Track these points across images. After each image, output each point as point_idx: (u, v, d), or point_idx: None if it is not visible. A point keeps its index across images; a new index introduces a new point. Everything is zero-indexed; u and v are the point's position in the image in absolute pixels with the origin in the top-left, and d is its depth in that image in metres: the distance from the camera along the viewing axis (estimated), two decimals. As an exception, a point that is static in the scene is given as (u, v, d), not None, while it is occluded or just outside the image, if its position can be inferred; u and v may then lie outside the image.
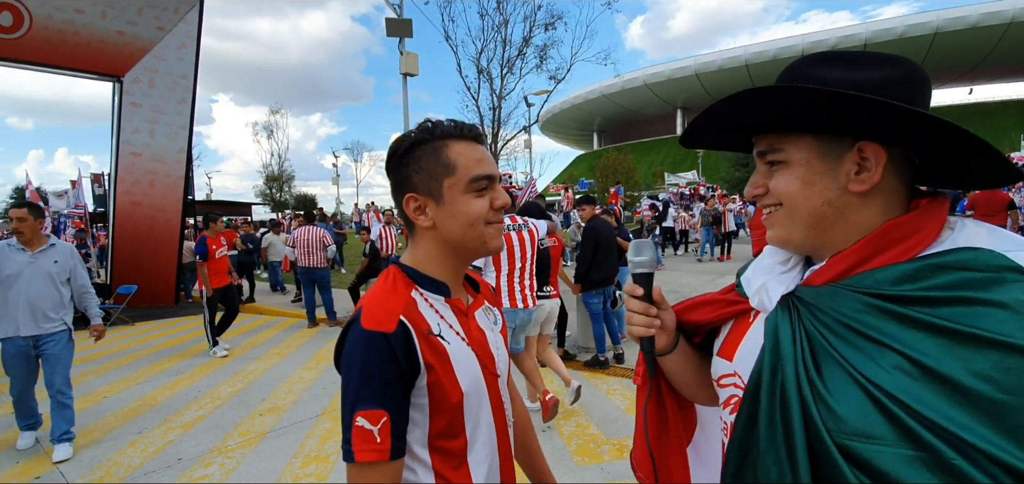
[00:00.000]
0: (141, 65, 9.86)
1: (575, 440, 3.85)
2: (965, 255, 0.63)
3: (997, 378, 0.55)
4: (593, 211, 5.76)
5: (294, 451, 3.84)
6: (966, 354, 0.57)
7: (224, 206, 33.30)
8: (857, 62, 0.69)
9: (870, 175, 0.68)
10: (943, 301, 0.61)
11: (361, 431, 0.84)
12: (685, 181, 24.15)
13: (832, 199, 0.70)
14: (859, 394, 0.61)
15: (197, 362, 6.39)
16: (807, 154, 0.71)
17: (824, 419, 0.63)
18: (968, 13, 47.68)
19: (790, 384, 0.67)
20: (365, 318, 0.88)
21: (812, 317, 0.70)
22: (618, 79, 64.87)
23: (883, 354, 0.62)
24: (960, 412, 0.56)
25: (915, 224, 0.68)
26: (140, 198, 10.20)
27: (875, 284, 0.66)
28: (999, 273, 0.60)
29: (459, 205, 0.94)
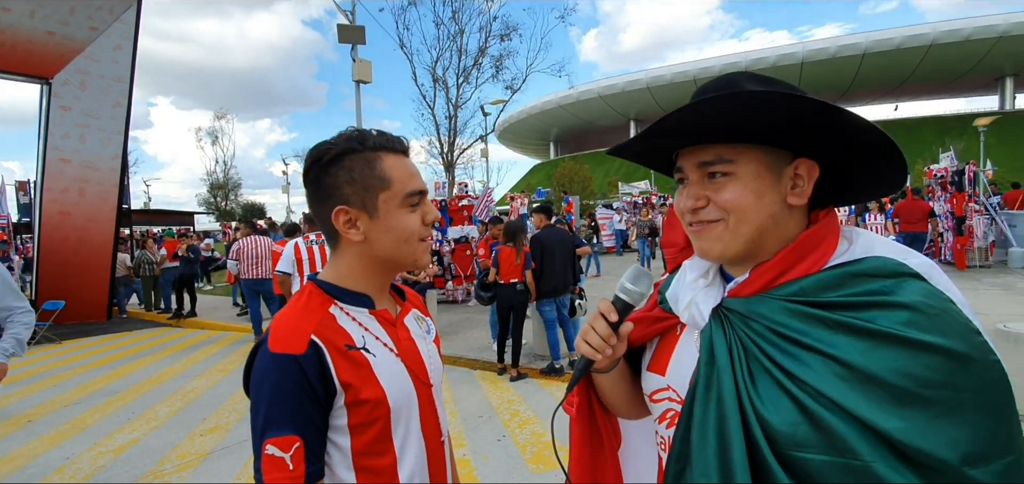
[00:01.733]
0: (72, 66, 9.27)
1: (530, 448, 3.85)
2: (874, 263, 0.68)
3: (916, 374, 0.60)
4: (544, 221, 5.82)
5: (238, 472, 3.67)
6: (885, 352, 0.62)
7: (164, 215, 31.63)
8: (775, 84, 0.72)
9: (804, 189, 0.73)
10: (862, 305, 0.65)
11: (271, 459, 0.80)
12: (638, 190, 24.77)
13: (775, 212, 0.72)
14: (788, 401, 0.64)
15: (131, 381, 6.01)
16: (757, 167, 0.72)
17: (764, 430, 0.65)
18: (893, 35, 51.38)
19: (728, 395, 0.68)
20: (273, 340, 0.85)
21: (745, 327, 0.71)
22: (573, 90, 66.00)
23: (814, 358, 0.65)
24: (886, 408, 0.60)
25: (821, 235, 0.73)
26: (69, 207, 9.56)
27: (801, 292, 0.69)
28: (901, 278, 0.66)
29: (394, 220, 0.92)
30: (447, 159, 22.78)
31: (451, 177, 22.07)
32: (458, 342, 6.99)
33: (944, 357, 0.60)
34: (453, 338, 7.23)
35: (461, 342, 6.98)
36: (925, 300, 0.64)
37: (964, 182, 11.09)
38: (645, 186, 26.69)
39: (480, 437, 4.09)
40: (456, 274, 10.10)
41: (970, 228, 10.76)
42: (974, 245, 10.83)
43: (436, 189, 11.34)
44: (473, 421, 4.41)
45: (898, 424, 0.59)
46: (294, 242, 5.08)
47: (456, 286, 10.09)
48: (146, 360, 7.00)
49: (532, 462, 3.64)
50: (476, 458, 3.73)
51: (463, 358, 6.23)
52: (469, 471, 3.56)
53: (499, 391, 5.14)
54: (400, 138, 0.97)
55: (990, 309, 7.14)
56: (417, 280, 7.30)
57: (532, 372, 5.57)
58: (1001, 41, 48.03)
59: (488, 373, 5.73)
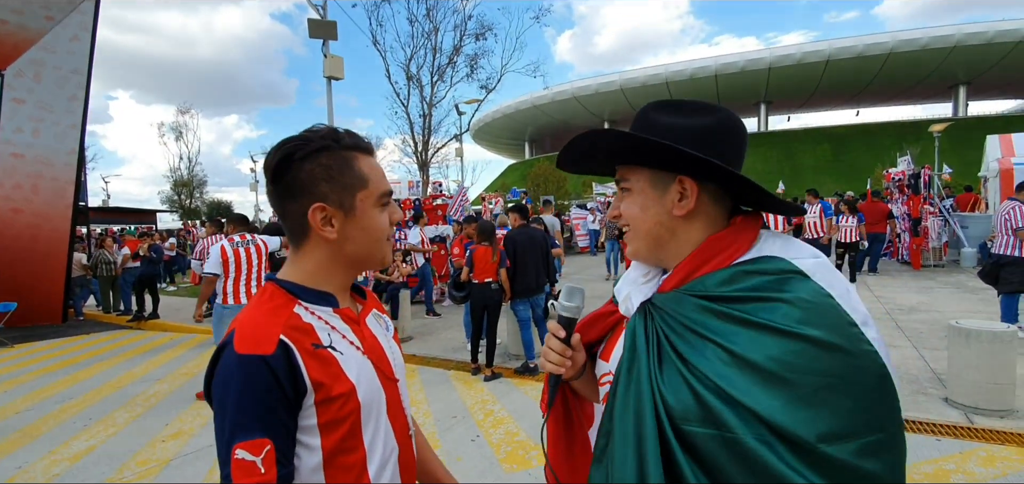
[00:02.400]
0: (26, 57, 8.84)
1: (504, 447, 3.85)
2: (764, 262, 0.78)
3: (786, 360, 0.68)
4: (518, 220, 5.83)
5: (202, 477, 3.55)
6: (765, 341, 0.70)
7: (124, 213, 30.47)
8: (685, 110, 0.85)
9: (687, 202, 0.83)
10: (749, 299, 0.74)
11: (242, 464, 0.78)
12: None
13: (663, 221, 0.85)
14: (682, 384, 0.73)
15: (88, 386, 5.77)
16: (643, 184, 0.86)
17: (666, 409, 0.74)
18: (855, 43, 53.29)
19: (643, 379, 0.77)
20: (239, 342, 0.82)
21: (661, 320, 0.81)
22: (548, 91, 66.27)
23: (707, 347, 0.74)
24: (759, 390, 0.68)
25: (731, 238, 0.83)
26: (21, 204, 9.12)
27: (703, 288, 0.79)
28: (786, 275, 0.75)
29: (370, 219, 0.94)
30: (421, 158, 22.59)
31: (425, 176, 21.90)
32: (432, 342, 6.94)
33: (811, 345, 0.68)
34: (427, 338, 7.17)
35: (435, 342, 6.93)
36: (803, 296, 0.72)
37: (920, 185, 11.58)
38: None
39: (454, 437, 4.06)
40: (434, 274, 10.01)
41: (925, 229, 11.24)
42: (929, 245, 11.32)
43: (410, 188, 11.23)
44: (446, 421, 4.38)
45: (765, 403, 0.66)
46: (221, 244, 4.95)
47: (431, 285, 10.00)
48: (104, 364, 6.73)
49: (506, 462, 3.63)
50: (449, 459, 3.71)
51: (437, 358, 6.19)
52: (442, 472, 3.53)
53: (473, 391, 5.12)
54: (367, 139, 0.99)
55: (943, 306, 7.47)
56: (391, 280, 7.21)
57: (506, 372, 5.57)
58: (955, 51, 50.38)
59: (462, 373, 5.70)
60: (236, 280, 4.87)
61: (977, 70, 53.38)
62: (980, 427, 3.79)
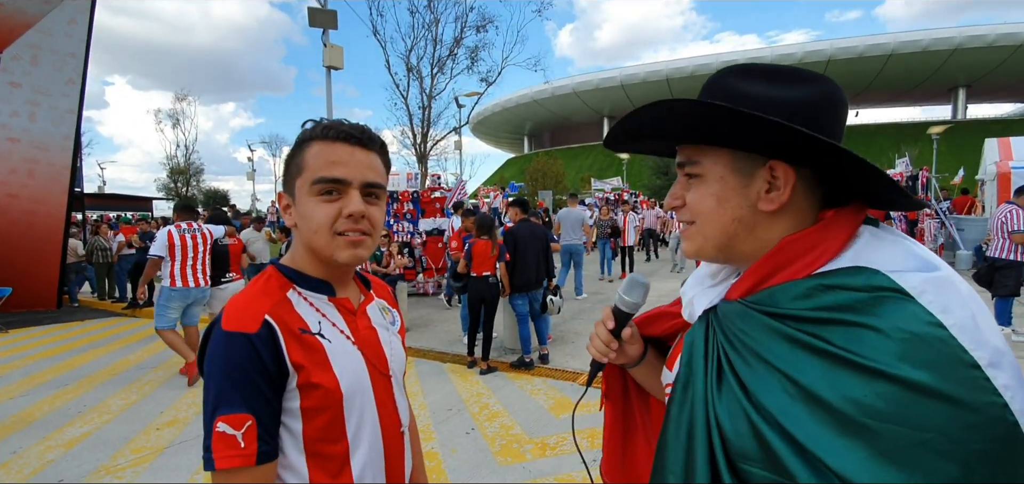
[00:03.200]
0: (23, 41, 8.75)
1: (498, 440, 3.86)
2: (851, 275, 0.62)
3: (871, 405, 0.54)
4: (519, 214, 5.83)
5: (196, 466, 3.55)
6: (844, 379, 0.56)
7: (120, 200, 30.34)
8: (778, 77, 0.68)
9: (779, 194, 0.68)
10: (826, 321, 0.60)
11: (222, 436, 0.80)
12: (610, 186, 25.05)
13: (743, 217, 0.70)
14: (740, 412, 0.63)
15: (83, 372, 5.75)
16: (722, 170, 0.70)
17: (721, 436, 0.64)
18: (856, 43, 53.34)
19: (698, 400, 0.68)
20: (226, 319, 0.85)
21: (722, 333, 0.70)
22: (548, 85, 66.19)
23: (772, 375, 0.62)
24: (831, 437, 0.55)
25: (814, 239, 0.67)
26: (17, 189, 9.06)
27: (771, 302, 0.66)
28: (878, 294, 0.59)
29: (305, 208, 0.91)
30: (420, 150, 22.52)
31: (424, 169, 21.85)
32: (428, 335, 6.94)
33: (907, 390, 0.53)
34: (423, 331, 7.18)
35: (432, 335, 6.94)
36: (902, 325, 0.56)
37: (917, 187, 11.61)
38: (617, 182, 27.00)
39: (449, 430, 4.07)
40: (427, 267, 10.02)
41: (922, 231, 11.28)
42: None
43: (408, 180, 11.20)
44: (442, 414, 4.38)
45: (839, 455, 0.54)
46: (168, 229, 5.25)
47: (427, 278, 10.01)
48: (99, 351, 6.71)
49: (500, 455, 3.64)
50: (444, 450, 3.72)
51: (433, 351, 6.19)
52: (437, 464, 3.54)
53: (469, 384, 5.12)
54: (356, 126, 0.94)
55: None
56: (387, 272, 7.21)
57: (502, 366, 5.57)
58: (956, 53, 50.41)
59: (458, 366, 5.71)
60: (183, 264, 5.19)
61: (977, 73, 53.46)
62: (972, 429, 3.81)
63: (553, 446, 3.74)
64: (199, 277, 5.29)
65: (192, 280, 5.23)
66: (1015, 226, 5.69)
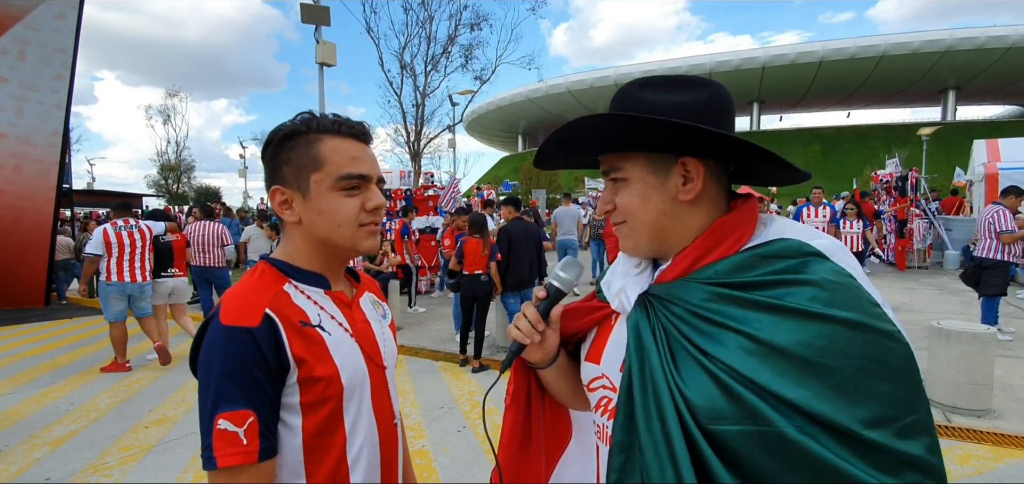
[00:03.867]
0: (10, 35, 8.62)
1: (492, 438, 3.85)
2: (782, 244, 0.74)
3: (817, 344, 0.64)
4: (512, 213, 5.82)
5: (185, 465, 3.53)
6: (793, 326, 0.66)
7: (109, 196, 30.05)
8: (675, 86, 0.78)
9: (694, 185, 0.77)
10: (771, 284, 0.70)
11: (224, 434, 0.78)
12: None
13: (666, 209, 0.78)
14: (706, 378, 0.68)
15: (69, 371, 5.70)
16: (641, 172, 0.79)
17: (689, 407, 0.68)
18: (848, 45, 53.70)
19: (659, 378, 0.71)
20: (225, 313, 0.83)
21: (665, 311, 0.76)
22: (542, 84, 66.20)
23: (727, 335, 0.69)
24: (792, 378, 0.64)
25: (737, 221, 0.78)
26: (3, 185, 8.92)
27: (715, 274, 0.74)
28: (806, 257, 0.71)
29: (325, 203, 0.91)
30: (413, 148, 22.47)
31: (417, 167, 21.80)
32: (421, 333, 6.93)
33: (842, 327, 0.64)
34: (416, 329, 7.16)
35: (424, 333, 6.92)
36: (827, 277, 0.68)
37: (907, 187, 11.71)
38: (610, 182, 26.90)
39: (441, 428, 4.06)
40: (420, 265, 9.99)
41: (911, 231, 11.39)
42: (914, 247, 11.47)
43: (401, 178, 11.17)
44: (434, 412, 4.38)
45: (802, 393, 0.62)
46: (103, 227, 5.49)
47: (420, 277, 9.98)
48: (87, 349, 6.65)
49: (488, 453, 3.64)
50: (436, 449, 3.71)
51: (425, 349, 6.18)
52: (428, 461, 3.54)
53: (461, 382, 5.12)
54: (359, 123, 0.96)
55: (926, 307, 7.58)
56: (380, 270, 7.18)
57: (494, 364, 5.57)
58: (946, 55, 50.86)
59: (450, 364, 5.70)
60: (119, 260, 5.41)
61: (967, 75, 53.98)
62: (957, 426, 3.86)
63: (544, 444, 3.74)
64: (137, 272, 5.49)
65: (128, 275, 5.43)
66: (1002, 226, 5.76)
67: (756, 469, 0.64)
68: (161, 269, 6.02)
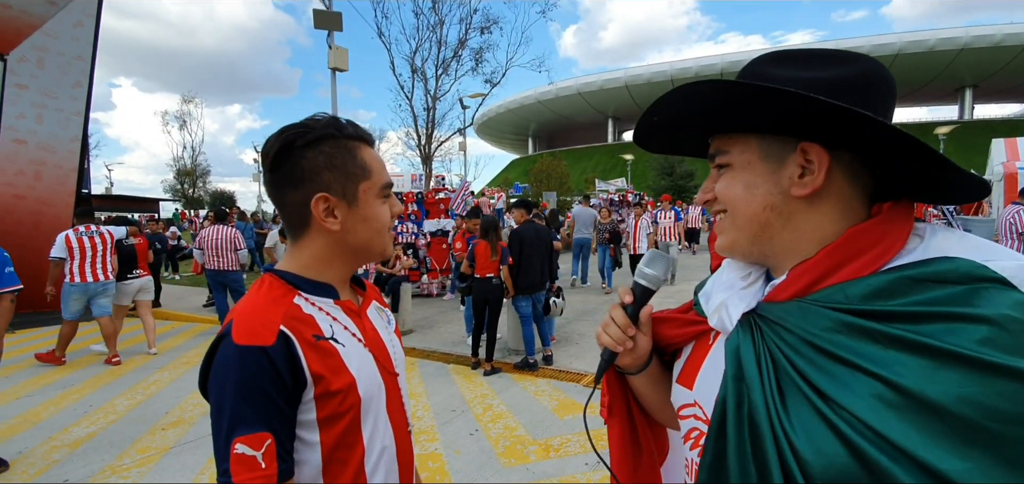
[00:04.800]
0: (29, 43, 8.81)
1: (502, 442, 3.85)
2: (941, 266, 0.57)
3: (986, 404, 0.48)
4: (523, 215, 5.82)
5: (202, 467, 3.56)
6: (951, 376, 0.50)
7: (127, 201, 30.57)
8: (812, 60, 0.65)
9: (813, 178, 0.63)
10: (923, 316, 0.54)
11: (241, 458, 0.76)
12: (615, 187, 24.98)
13: (775, 203, 0.65)
14: (824, 428, 0.54)
15: (89, 373, 5.78)
16: (750, 156, 0.67)
17: (797, 460, 0.54)
18: (862, 43, 53.08)
19: (760, 417, 0.58)
20: (238, 332, 0.80)
21: (776, 338, 0.62)
22: (553, 86, 66.27)
23: (858, 379, 0.54)
24: (944, 444, 0.49)
25: (880, 232, 0.62)
26: (24, 191, 9.12)
27: (846, 299, 0.59)
28: (979, 284, 0.54)
29: (372, 210, 0.94)
30: (425, 151, 22.55)
31: (428, 170, 21.87)
32: (432, 336, 6.94)
33: (1020, 384, 0.48)
34: (427, 332, 7.17)
35: (435, 336, 6.93)
36: (1009, 312, 0.51)
37: (925, 187, 11.52)
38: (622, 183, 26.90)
39: (452, 431, 4.06)
40: (432, 268, 10.02)
41: (929, 232, 11.18)
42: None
43: (412, 181, 11.21)
44: (446, 415, 4.38)
45: (959, 465, 0.48)
46: (65, 233, 5.75)
47: (431, 279, 10.01)
48: (105, 352, 6.73)
49: (504, 456, 3.63)
50: (448, 451, 3.71)
51: (437, 352, 6.19)
52: (441, 465, 3.54)
53: (473, 385, 5.12)
54: (369, 131, 0.99)
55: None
56: (392, 273, 7.21)
57: (506, 367, 5.56)
58: (963, 53, 50.08)
59: (462, 367, 5.70)
60: (81, 263, 5.73)
61: (984, 73, 53.09)
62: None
63: (557, 448, 3.72)
64: (99, 273, 5.81)
65: (90, 276, 5.75)
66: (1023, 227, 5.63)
67: None
68: (127, 271, 6.34)
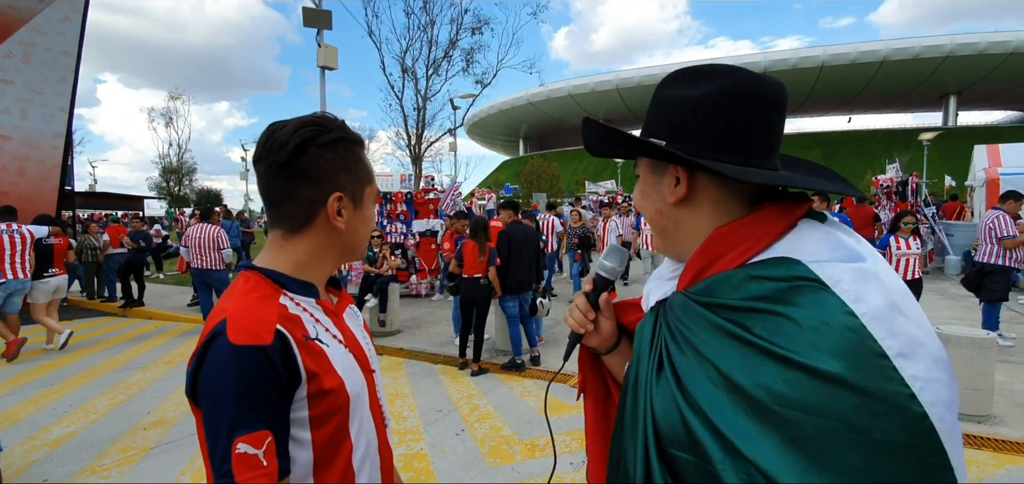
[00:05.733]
0: (15, 38, 8.69)
1: (488, 442, 3.85)
2: (775, 266, 0.64)
3: (781, 393, 0.55)
4: (511, 216, 5.83)
5: (183, 466, 3.53)
6: (760, 366, 0.58)
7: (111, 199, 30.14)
8: (695, 78, 0.73)
9: (679, 189, 0.74)
10: (749, 311, 0.62)
11: (244, 458, 0.76)
12: (604, 190, 25.07)
13: (662, 209, 0.77)
14: (670, 398, 0.65)
15: (68, 372, 5.70)
16: (645, 171, 0.81)
17: (655, 423, 0.66)
18: (849, 50, 53.81)
19: (641, 385, 0.71)
20: (234, 332, 0.80)
21: (665, 322, 0.73)
22: (544, 88, 66.39)
23: (701, 363, 0.63)
24: (747, 424, 0.57)
25: (745, 232, 0.69)
26: (7, 187, 8.97)
27: (709, 292, 0.68)
28: (796, 284, 0.61)
29: (371, 212, 1.00)
30: (414, 152, 22.50)
31: (418, 170, 21.82)
32: (420, 336, 6.92)
33: (815, 379, 0.55)
34: (415, 332, 7.16)
35: (423, 336, 6.92)
36: (814, 312, 0.58)
37: (907, 192, 11.70)
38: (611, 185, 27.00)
39: (438, 431, 4.06)
40: (420, 268, 10.00)
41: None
42: (915, 252, 11.44)
43: (401, 181, 11.18)
44: (432, 415, 4.37)
45: (753, 442, 0.56)
46: None
47: (420, 280, 9.98)
48: (86, 351, 6.65)
49: (490, 456, 3.64)
50: (433, 452, 3.71)
51: (425, 352, 6.18)
52: (426, 465, 3.53)
53: (459, 386, 5.12)
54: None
55: (926, 313, 7.54)
56: (380, 273, 7.18)
57: (493, 367, 5.57)
58: (947, 61, 50.89)
59: (449, 368, 5.70)
60: (0, 261, 5.90)
61: (968, 81, 54.00)
62: (958, 432, 3.84)
63: (542, 447, 3.73)
64: (18, 270, 6.00)
65: (11, 273, 5.94)
66: (1004, 232, 5.75)
67: None
68: (43, 269, 6.42)
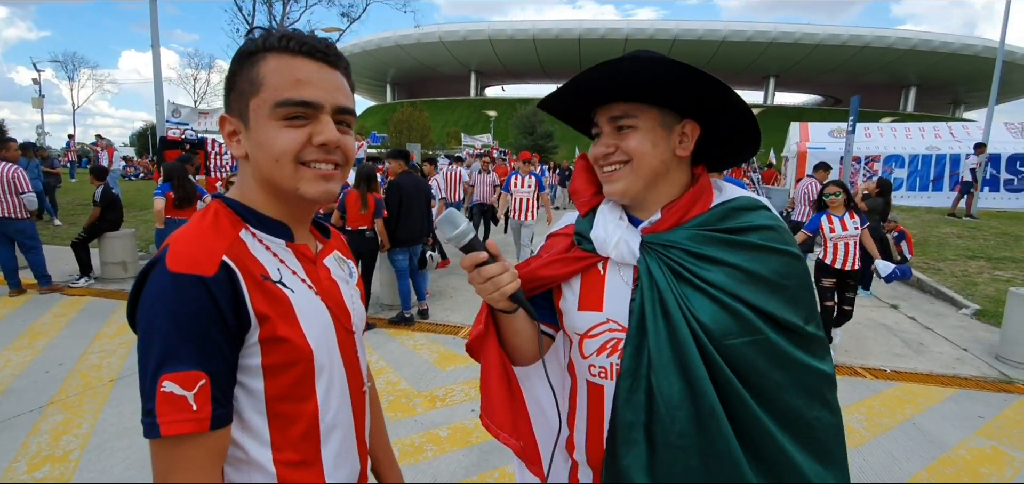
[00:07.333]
0: None
1: (386, 396, 3.80)
2: (743, 201, 0.95)
3: (781, 270, 0.89)
4: (401, 166, 5.62)
5: (14, 454, 2.95)
6: (767, 260, 0.89)
7: None
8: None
9: (688, 144, 0.95)
10: (744, 229, 0.91)
11: (169, 397, 0.67)
12: (480, 144, 25.18)
13: (666, 159, 0.93)
14: (711, 303, 0.86)
15: None
16: (652, 123, 0.92)
17: (703, 329, 0.85)
18: (697, 27, 60.20)
19: (672, 308, 0.87)
20: (172, 259, 0.70)
21: (667, 255, 0.91)
22: (414, 31, 63.63)
23: (719, 269, 0.88)
24: (767, 296, 0.87)
25: (706, 184, 0.97)
26: None
27: (705, 222, 0.92)
28: (758, 209, 0.94)
29: (263, 134, 0.78)
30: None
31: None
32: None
33: (789, 258, 0.90)
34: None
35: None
36: (774, 222, 0.93)
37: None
38: (487, 139, 27.16)
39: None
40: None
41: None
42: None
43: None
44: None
45: (775, 305, 0.86)
46: None
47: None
48: None
49: (390, 410, 3.60)
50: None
51: (303, 309, 5.80)
52: (321, 426, 3.39)
53: (346, 342, 4.92)
54: (317, 39, 0.81)
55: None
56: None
57: (380, 322, 5.44)
58: (771, 46, 59.16)
59: (332, 324, 5.44)
60: None
61: (785, 65, 63.45)
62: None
63: (442, 398, 3.79)
64: None
65: None
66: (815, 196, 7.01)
67: (751, 370, 0.84)
68: None
